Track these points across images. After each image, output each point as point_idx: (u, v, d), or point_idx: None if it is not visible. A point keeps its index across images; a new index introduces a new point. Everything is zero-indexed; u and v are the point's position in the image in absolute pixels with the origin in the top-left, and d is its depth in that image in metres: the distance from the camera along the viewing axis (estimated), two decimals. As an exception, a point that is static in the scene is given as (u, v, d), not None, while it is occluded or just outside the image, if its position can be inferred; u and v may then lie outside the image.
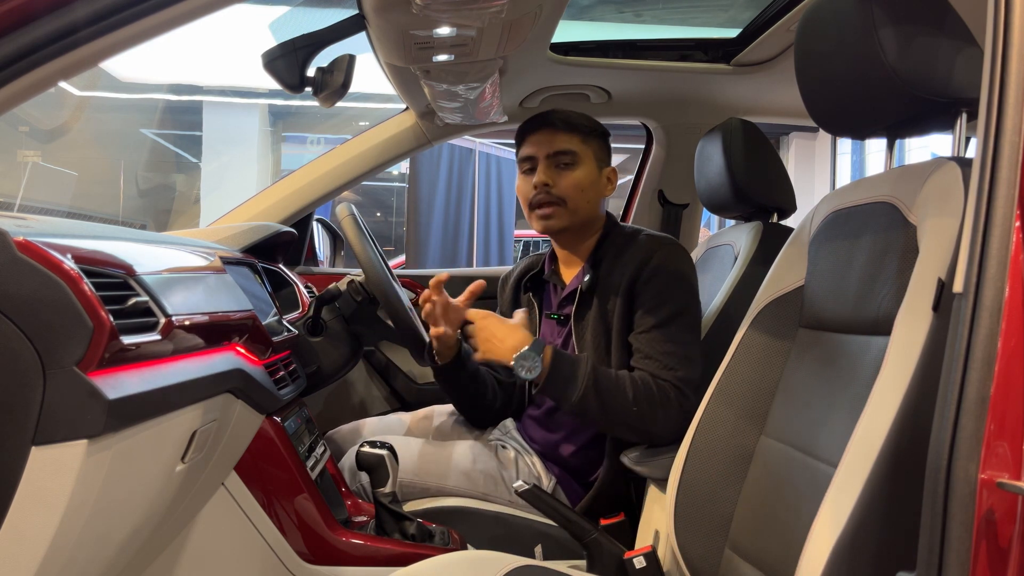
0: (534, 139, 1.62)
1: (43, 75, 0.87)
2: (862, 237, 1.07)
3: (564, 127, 1.61)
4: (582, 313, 1.60)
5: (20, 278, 0.82)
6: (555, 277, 1.71)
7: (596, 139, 1.64)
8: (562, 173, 1.60)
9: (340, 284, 1.86)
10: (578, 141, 1.61)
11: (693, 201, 2.44)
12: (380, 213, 10.78)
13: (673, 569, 1.26)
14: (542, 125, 1.62)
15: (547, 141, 1.60)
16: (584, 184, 1.60)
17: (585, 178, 1.60)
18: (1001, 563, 0.68)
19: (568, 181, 1.59)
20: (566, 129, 1.61)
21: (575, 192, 1.59)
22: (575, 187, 1.59)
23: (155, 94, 8.87)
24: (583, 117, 1.64)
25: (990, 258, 0.71)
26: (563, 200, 1.59)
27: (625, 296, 1.53)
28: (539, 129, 1.62)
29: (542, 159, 1.60)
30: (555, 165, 1.60)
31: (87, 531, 0.90)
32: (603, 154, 1.66)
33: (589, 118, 1.65)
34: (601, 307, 1.57)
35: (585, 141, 1.62)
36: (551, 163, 1.60)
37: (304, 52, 1.32)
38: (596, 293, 1.58)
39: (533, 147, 1.62)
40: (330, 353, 1.81)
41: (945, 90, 0.98)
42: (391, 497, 1.48)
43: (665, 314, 1.50)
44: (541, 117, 1.64)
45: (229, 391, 1.22)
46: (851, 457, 0.87)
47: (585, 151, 1.61)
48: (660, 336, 1.49)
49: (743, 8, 2.47)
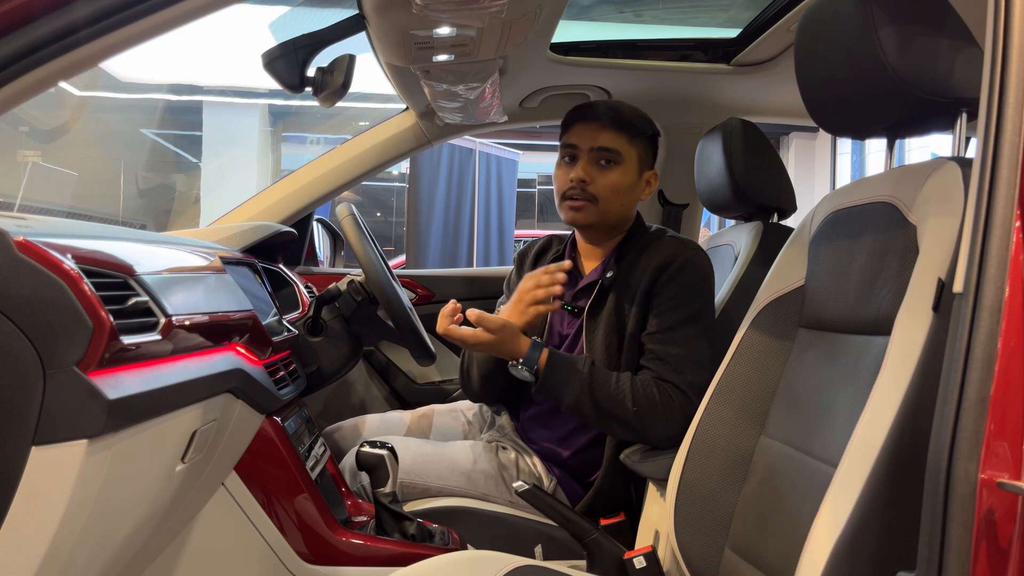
0: (580, 129, 1.56)
1: (43, 75, 0.87)
2: (862, 237, 1.07)
3: (612, 124, 1.54)
4: (597, 309, 1.58)
5: (20, 278, 0.82)
6: (574, 266, 1.65)
7: (644, 141, 1.59)
8: (602, 171, 1.54)
9: (340, 284, 1.86)
10: (624, 141, 1.55)
11: (693, 201, 2.44)
12: (380, 213, 10.78)
13: (673, 569, 1.26)
14: (591, 117, 1.56)
15: (592, 134, 1.54)
16: (621, 186, 1.55)
17: (623, 180, 1.55)
18: (1001, 563, 0.68)
19: (606, 180, 1.54)
20: (614, 126, 1.54)
21: (610, 193, 1.55)
22: (611, 188, 1.54)
23: (155, 94, 8.87)
24: (636, 114, 1.58)
25: (990, 258, 0.71)
26: (596, 198, 1.55)
27: (642, 297, 1.52)
28: (587, 120, 1.56)
29: (584, 152, 1.55)
30: (596, 161, 1.54)
31: (87, 531, 0.90)
32: (648, 156, 1.61)
33: (642, 116, 1.59)
34: (617, 305, 1.55)
35: (632, 142, 1.56)
36: (592, 158, 1.54)
37: (304, 52, 1.32)
38: (613, 290, 1.56)
39: (577, 137, 1.56)
40: (330, 353, 1.81)
41: (945, 90, 0.98)
42: (391, 497, 1.48)
43: (680, 318, 1.49)
44: (591, 107, 1.58)
45: (229, 391, 1.22)
46: (851, 457, 0.87)
47: (629, 152, 1.56)
48: (672, 339, 1.48)
49: (743, 8, 2.47)
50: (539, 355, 1.46)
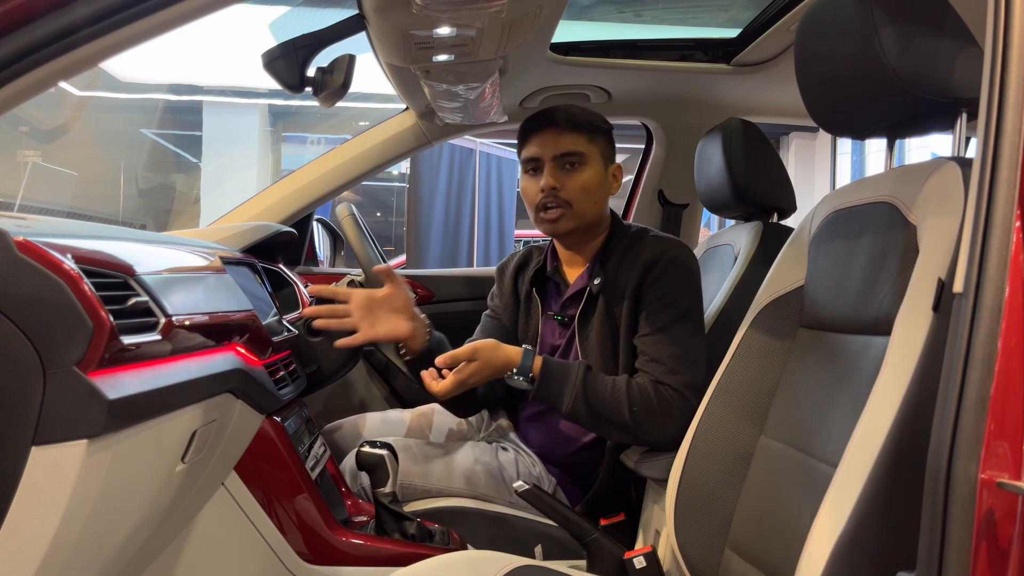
0: (539, 139, 1.57)
1: (43, 75, 0.87)
2: (862, 237, 1.07)
3: (569, 126, 1.55)
4: (587, 316, 1.58)
5: (20, 278, 0.82)
6: (557, 275, 1.66)
7: (601, 136, 1.59)
8: (569, 175, 1.55)
9: (340, 284, 1.86)
10: (584, 140, 1.56)
11: (693, 201, 2.44)
12: (380, 213, 10.78)
13: (673, 569, 1.26)
14: (547, 124, 1.56)
15: (552, 142, 1.55)
16: (591, 185, 1.56)
17: (592, 179, 1.56)
18: (1001, 563, 0.68)
19: (575, 183, 1.54)
20: (571, 128, 1.55)
21: (582, 194, 1.55)
22: (582, 189, 1.55)
23: (155, 94, 8.87)
24: (588, 114, 1.59)
25: (990, 258, 0.71)
26: (570, 203, 1.55)
27: (631, 299, 1.51)
28: (544, 129, 1.56)
29: (548, 160, 1.55)
30: (561, 166, 1.55)
31: (87, 531, 0.90)
32: (608, 151, 1.62)
33: (594, 114, 1.60)
34: (607, 310, 1.54)
35: (591, 139, 1.56)
36: (557, 164, 1.55)
37: (304, 52, 1.32)
38: (602, 295, 1.56)
39: (538, 147, 1.56)
40: (330, 353, 1.81)
41: (945, 90, 0.98)
42: (391, 497, 1.48)
43: (670, 317, 1.48)
44: (545, 115, 1.58)
45: (229, 391, 1.22)
46: (851, 457, 0.87)
47: (591, 150, 1.56)
48: (665, 339, 1.47)
49: (743, 8, 2.47)
50: (532, 362, 1.45)
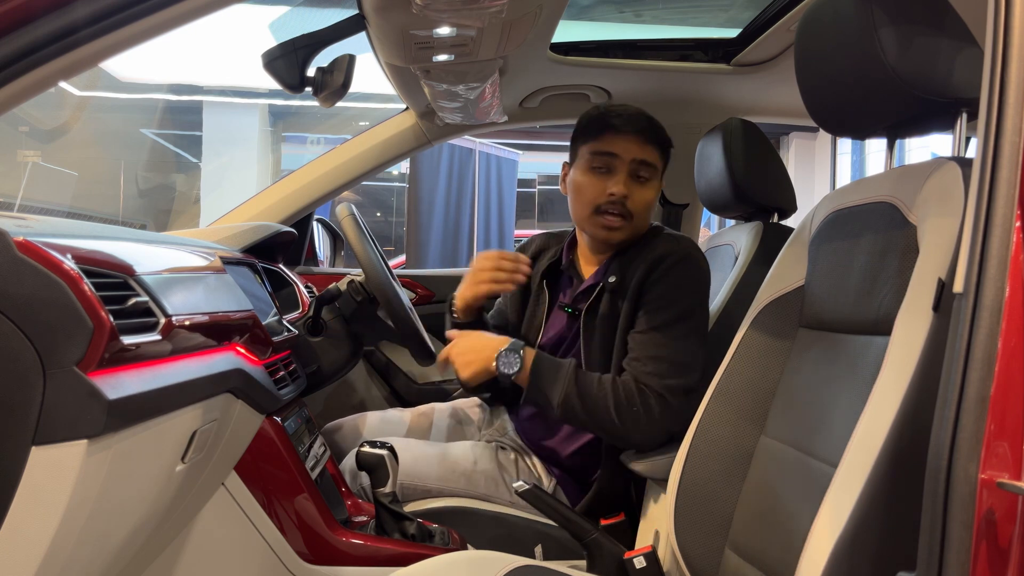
0: (623, 140, 1.51)
1: (43, 75, 0.87)
2: (862, 237, 1.07)
3: (654, 139, 1.53)
4: (594, 311, 1.56)
5: (20, 278, 0.82)
6: (572, 269, 1.64)
7: (667, 154, 1.59)
8: (640, 187, 1.53)
9: (340, 284, 1.86)
10: (659, 156, 1.55)
11: (693, 201, 2.44)
12: (380, 213, 10.77)
13: (673, 569, 1.26)
14: (636, 129, 1.51)
15: (637, 147, 1.51)
16: (653, 203, 1.56)
17: (655, 197, 1.56)
18: (1001, 563, 0.68)
19: (643, 197, 1.53)
20: (655, 141, 1.53)
21: (644, 210, 1.54)
22: (647, 205, 1.54)
23: (155, 94, 8.87)
24: (663, 128, 1.57)
25: (990, 258, 0.71)
26: (632, 215, 1.52)
27: (634, 294, 1.51)
28: (630, 132, 1.51)
29: (625, 164, 1.51)
30: (635, 176, 1.52)
31: (87, 531, 0.90)
32: (665, 169, 1.61)
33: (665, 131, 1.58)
34: (613, 306, 1.54)
35: (662, 156, 1.56)
36: (632, 171, 1.52)
37: (304, 52, 1.32)
38: (607, 292, 1.55)
39: (620, 147, 1.51)
40: (330, 353, 1.81)
41: (945, 90, 0.98)
42: (391, 497, 1.48)
43: (666, 317, 1.47)
44: (634, 118, 1.53)
45: (229, 391, 1.22)
46: (851, 457, 0.87)
47: (661, 167, 1.56)
48: (655, 339, 1.46)
49: (743, 8, 2.47)
50: (522, 347, 1.46)
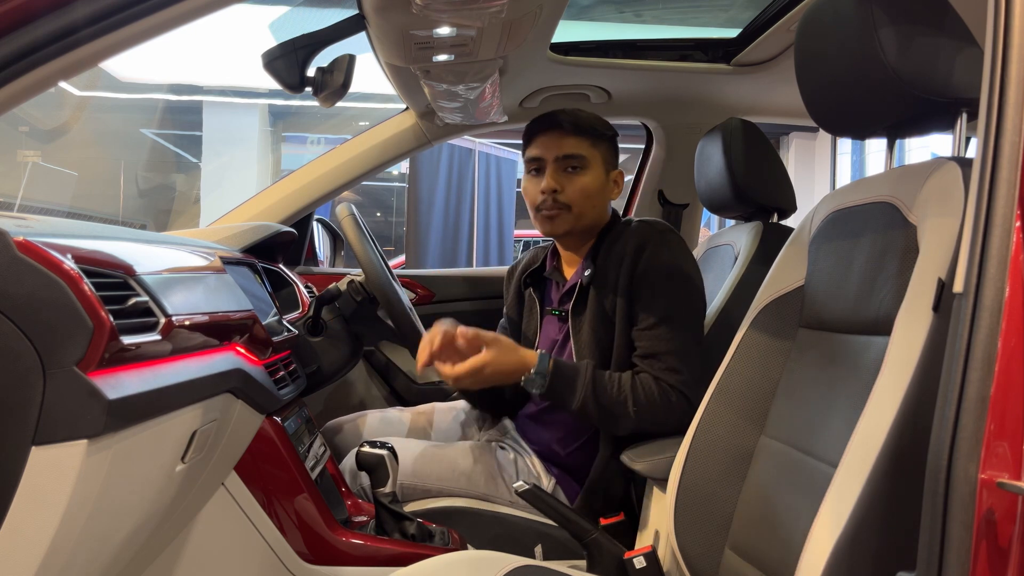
0: (542, 140, 1.58)
1: (43, 75, 0.87)
2: (862, 237, 1.07)
3: (573, 130, 1.57)
4: (579, 309, 1.59)
5: (20, 278, 0.82)
6: (556, 274, 1.70)
7: (605, 142, 1.61)
8: (570, 178, 1.57)
9: (340, 284, 1.86)
10: (587, 145, 1.58)
11: (693, 201, 2.44)
12: (380, 213, 10.77)
13: (673, 569, 1.26)
14: (551, 126, 1.58)
15: (555, 144, 1.57)
16: (591, 190, 1.58)
17: (592, 183, 1.58)
18: (1001, 563, 0.68)
19: (575, 186, 1.56)
20: (575, 132, 1.57)
21: (582, 198, 1.57)
22: (582, 193, 1.57)
23: (155, 94, 8.87)
24: (593, 119, 1.61)
25: (990, 258, 0.71)
26: (569, 205, 1.57)
27: (625, 290, 1.52)
28: (548, 130, 1.58)
29: (550, 162, 1.57)
30: (563, 169, 1.57)
31: (87, 531, 0.90)
32: (611, 157, 1.63)
33: (599, 120, 1.62)
34: (598, 301, 1.56)
35: (594, 144, 1.59)
36: (559, 167, 1.57)
37: (304, 52, 1.32)
38: (593, 288, 1.57)
39: (541, 148, 1.58)
40: (330, 353, 1.81)
41: (945, 90, 0.98)
42: (391, 497, 1.48)
43: (665, 310, 1.49)
44: (550, 117, 1.60)
45: (229, 391, 1.22)
46: (851, 457, 0.87)
47: (594, 155, 1.58)
48: (662, 334, 1.48)
49: (743, 8, 2.47)
50: (548, 365, 1.45)
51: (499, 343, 1.41)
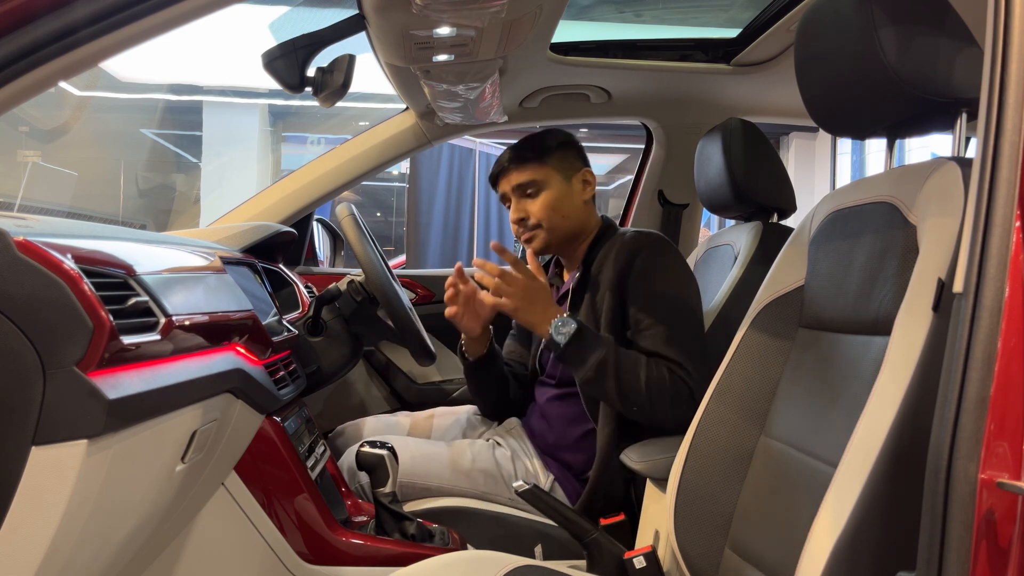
0: (500, 181, 1.74)
1: (43, 75, 0.87)
2: (862, 237, 1.07)
3: (517, 161, 1.70)
4: (573, 313, 1.62)
5: (20, 278, 0.82)
6: (557, 280, 1.79)
7: (552, 155, 1.70)
8: (530, 201, 1.69)
9: (340, 284, 1.86)
10: (533, 168, 1.69)
11: (693, 201, 2.44)
12: (380, 213, 10.76)
13: (673, 569, 1.26)
14: (500, 168, 1.73)
15: (507, 179, 1.71)
16: (554, 203, 1.68)
17: (552, 197, 1.68)
18: (1001, 563, 0.68)
19: (537, 207, 1.68)
20: (519, 162, 1.70)
21: (548, 213, 1.68)
22: (545, 209, 1.68)
23: (155, 94, 8.86)
24: (532, 140, 1.72)
25: (990, 258, 0.71)
26: (540, 224, 1.68)
27: (614, 293, 1.57)
28: (500, 172, 1.73)
29: (511, 195, 1.71)
30: (522, 196, 1.70)
31: (87, 531, 0.90)
32: (568, 163, 1.72)
33: (541, 136, 1.73)
34: (591, 304, 1.61)
35: (541, 164, 1.69)
36: (518, 196, 1.70)
37: (304, 52, 1.32)
38: (586, 292, 1.63)
39: (502, 187, 1.74)
40: (330, 353, 1.81)
41: (945, 90, 0.98)
42: (391, 497, 1.49)
43: (664, 312, 1.52)
44: (498, 160, 1.74)
45: (229, 391, 1.22)
46: (851, 457, 0.87)
47: (544, 172, 1.69)
48: (662, 334, 1.51)
49: (743, 8, 2.47)
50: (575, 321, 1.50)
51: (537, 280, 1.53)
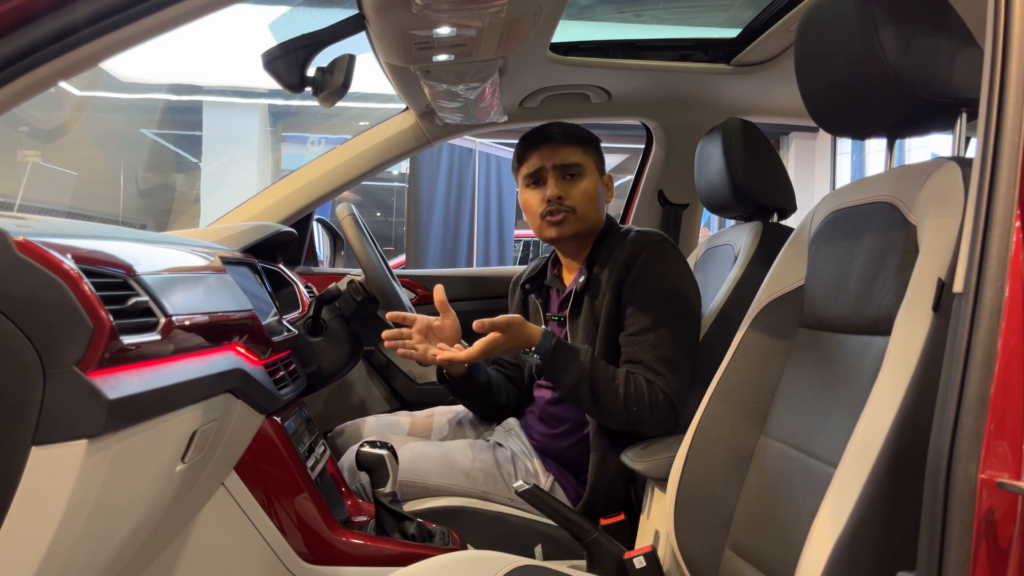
0: (539, 153, 1.66)
1: (43, 75, 0.87)
2: (862, 237, 1.07)
3: (567, 139, 1.65)
4: (575, 314, 1.64)
5: (20, 278, 0.82)
6: (556, 281, 1.76)
7: (594, 148, 1.70)
8: (571, 184, 1.64)
9: (340, 284, 1.86)
10: (581, 152, 1.66)
11: (693, 201, 2.44)
12: (380, 213, 10.76)
13: (673, 569, 1.26)
14: (545, 139, 1.66)
15: (552, 154, 1.64)
16: (592, 193, 1.65)
17: (591, 187, 1.66)
18: (1001, 563, 0.68)
19: (578, 191, 1.64)
20: (569, 141, 1.65)
21: (585, 201, 1.64)
22: (584, 196, 1.64)
23: (155, 94, 8.85)
24: (580, 128, 1.69)
25: (990, 258, 0.71)
26: (574, 209, 1.63)
27: (613, 294, 1.56)
28: (543, 143, 1.66)
29: (549, 171, 1.64)
30: (563, 177, 1.64)
31: (87, 531, 0.90)
32: (600, 162, 1.72)
33: (585, 128, 1.71)
34: (591, 306, 1.60)
35: (586, 151, 1.67)
36: (558, 175, 1.64)
37: (304, 52, 1.32)
38: (588, 294, 1.62)
39: (539, 160, 1.65)
40: (330, 353, 1.81)
41: (945, 90, 0.98)
42: (391, 497, 1.48)
43: (654, 317, 1.52)
44: (542, 131, 1.68)
45: (229, 391, 1.22)
46: (851, 457, 0.87)
47: (587, 161, 1.66)
48: (650, 340, 1.51)
49: (743, 8, 2.47)
50: (551, 343, 1.49)
51: (511, 325, 1.44)
